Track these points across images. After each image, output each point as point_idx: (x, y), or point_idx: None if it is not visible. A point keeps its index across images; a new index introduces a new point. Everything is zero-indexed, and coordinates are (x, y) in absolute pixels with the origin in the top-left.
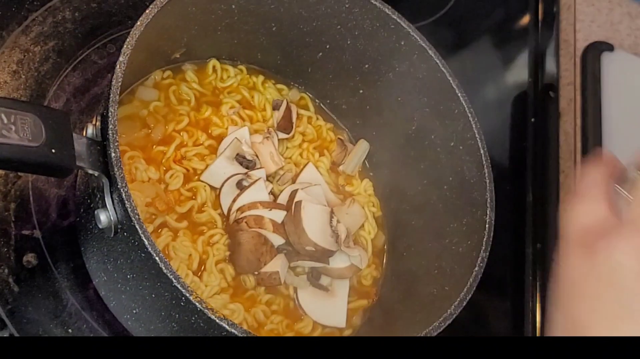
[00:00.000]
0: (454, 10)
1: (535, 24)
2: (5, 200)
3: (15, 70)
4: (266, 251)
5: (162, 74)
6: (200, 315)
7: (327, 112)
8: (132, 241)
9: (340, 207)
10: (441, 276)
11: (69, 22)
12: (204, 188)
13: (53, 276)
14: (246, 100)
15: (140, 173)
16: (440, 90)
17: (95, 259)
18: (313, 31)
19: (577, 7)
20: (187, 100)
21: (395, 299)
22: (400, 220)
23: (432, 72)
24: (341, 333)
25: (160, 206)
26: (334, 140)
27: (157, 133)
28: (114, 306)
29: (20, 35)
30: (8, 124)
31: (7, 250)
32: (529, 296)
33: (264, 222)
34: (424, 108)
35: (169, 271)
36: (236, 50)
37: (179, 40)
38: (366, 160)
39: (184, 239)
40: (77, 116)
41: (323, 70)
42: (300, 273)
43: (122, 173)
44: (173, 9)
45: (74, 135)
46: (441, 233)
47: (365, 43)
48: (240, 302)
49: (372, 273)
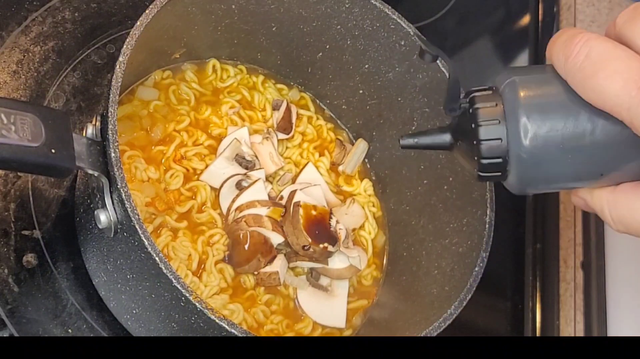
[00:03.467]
0: (454, 10)
1: (535, 24)
2: (5, 200)
3: (15, 70)
4: (266, 251)
5: (162, 74)
6: (200, 315)
7: (327, 112)
8: (132, 242)
9: (339, 207)
10: (441, 276)
11: (69, 22)
12: (204, 187)
13: (53, 276)
14: (246, 100)
15: (140, 173)
16: (440, 90)
17: (95, 259)
18: (313, 31)
19: (577, 7)
20: (187, 100)
21: (395, 299)
22: (400, 220)
23: (432, 72)
24: (341, 333)
25: (160, 206)
26: (334, 140)
27: (157, 132)
28: (114, 306)
29: (20, 36)
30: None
31: (7, 250)
32: (529, 296)
33: (263, 221)
34: (424, 108)
35: (169, 271)
36: (236, 50)
37: (179, 40)
38: (366, 160)
39: (183, 239)
40: (77, 116)
41: (323, 70)
42: (299, 273)
43: (122, 174)
44: (173, 9)
45: (74, 135)
46: (441, 233)
47: (365, 43)
48: (240, 302)
49: (373, 273)
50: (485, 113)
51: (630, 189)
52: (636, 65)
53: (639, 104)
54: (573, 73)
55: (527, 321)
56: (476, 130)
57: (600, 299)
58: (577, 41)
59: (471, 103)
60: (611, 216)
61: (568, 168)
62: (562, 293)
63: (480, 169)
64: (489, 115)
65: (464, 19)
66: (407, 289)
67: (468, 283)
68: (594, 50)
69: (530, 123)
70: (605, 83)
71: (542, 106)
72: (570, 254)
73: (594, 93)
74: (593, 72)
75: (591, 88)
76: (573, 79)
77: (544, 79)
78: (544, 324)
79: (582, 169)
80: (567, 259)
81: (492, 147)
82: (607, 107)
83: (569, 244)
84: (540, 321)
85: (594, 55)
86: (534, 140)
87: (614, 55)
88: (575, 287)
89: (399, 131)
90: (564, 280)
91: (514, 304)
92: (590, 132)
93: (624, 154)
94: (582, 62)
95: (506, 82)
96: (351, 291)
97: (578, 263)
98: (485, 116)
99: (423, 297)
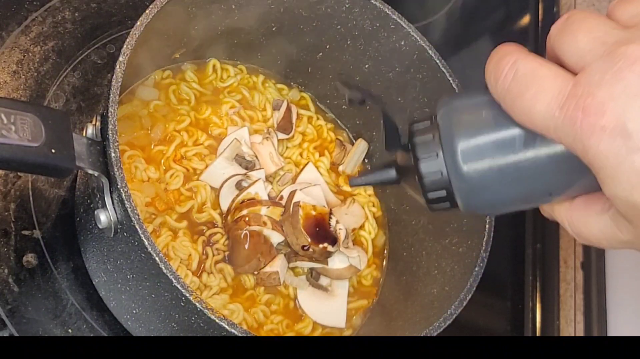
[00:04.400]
0: (454, 10)
1: (535, 24)
2: (5, 200)
3: (15, 70)
4: (265, 251)
5: (162, 74)
6: (200, 315)
7: (327, 112)
8: (132, 241)
9: (339, 207)
10: (441, 276)
11: (69, 22)
12: (204, 187)
13: (53, 276)
14: (246, 100)
15: (140, 173)
16: (440, 90)
17: (95, 259)
18: (313, 31)
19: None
20: (187, 100)
21: (395, 299)
22: (400, 220)
23: (432, 72)
24: (341, 333)
25: (160, 206)
26: (334, 140)
27: (157, 132)
28: (114, 306)
29: (20, 36)
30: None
31: (7, 250)
32: (529, 296)
33: (263, 220)
34: (424, 108)
35: (169, 271)
36: (236, 50)
37: (179, 40)
38: (366, 160)
39: (183, 239)
40: (77, 116)
41: (323, 70)
42: (299, 273)
43: (122, 174)
44: (173, 9)
45: (74, 135)
46: (441, 233)
47: (365, 43)
48: (240, 302)
49: (373, 273)
50: (423, 147)
51: (584, 204)
52: (559, 83)
53: (563, 123)
54: (503, 95)
55: (527, 321)
56: (416, 164)
57: (600, 300)
58: (506, 62)
59: (410, 136)
60: (572, 230)
61: (514, 192)
62: (562, 293)
63: (427, 202)
64: (426, 149)
65: (464, 19)
66: (407, 289)
67: (468, 283)
68: (520, 70)
69: (465, 152)
70: (530, 104)
71: (475, 133)
72: (570, 254)
73: (522, 114)
74: (519, 92)
75: (519, 109)
76: (504, 101)
77: (478, 104)
78: (544, 324)
79: (528, 191)
80: (567, 259)
81: (434, 181)
82: (537, 128)
83: (569, 244)
84: (540, 321)
85: (520, 75)
86: (472, 168)
87: (539, 74)
88: (575, 287)
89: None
90: (564, 280)
91: (514, 304)
92: (528, 154)
93: (567, 172)
94: (509, 84)
95: (441, 111)
96: (351, 291)
97: (578, 263)
98: (423, 150)
99: (423, 297)
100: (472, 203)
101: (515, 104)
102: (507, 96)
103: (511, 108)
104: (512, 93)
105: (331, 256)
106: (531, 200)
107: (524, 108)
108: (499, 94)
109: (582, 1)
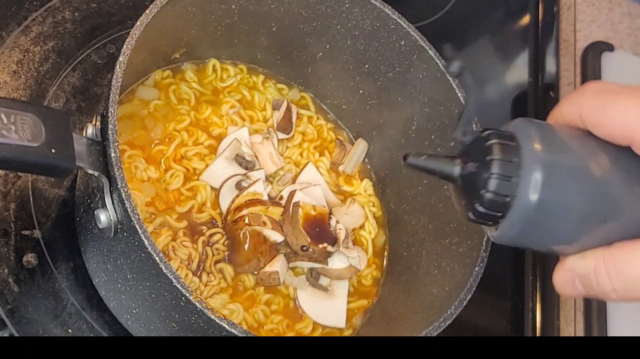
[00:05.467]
0: (454, 10)
1: (535, 24)
2: (5, 200)
3: (15, 70)
4: (265, 251)
5: (162, 74)
6: (200, 315)
7: (327, 112)
8: (132, 241)
9: (339, 207)
10: (441, 276)
11: (69, 22)
12: (204, 187)
13: (53, 276)
14: (246, 99)
15: (140, 173)
16: (440, 90)
17: (95, 259)
18: (313, 31)
19: (577, 7)
20: (187, 100)
21: (395, 300)
22: (400, 220)
23: (432, 72)
24: (341, 333)
25: (160, 206)
26: (334, 140)
27: (157, 132)
28: (114, 306)
29: (20, 35)
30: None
31: (7, 250)
32: (529, 296)
33: (263, 220)
34: (424, 108)
35: (169, 271)
36: (236, 50)
37: (179, 40)
38: (366, 160)
39: (183, 239)
40: (77, 116)
41: (323, 70)
42: (299, 273)
43: (122, 173)
44: (173, 9)
45: (74, 135)
46: (441, 233)
47: (365, 43)
48: (240, 302)
49: (373, 273)
50: (502, 166)
51: (630, 245)
52: None
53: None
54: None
55: (527, 321)
56: (487, 178)
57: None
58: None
59: (485, 141)
60: (608, 271)
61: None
62: None
63: (473, 213)
64: (505, 169)
65: (464, 19)
66: (407, 289)
67: (468, 283)
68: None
69: (545, 199)
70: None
71: (560, 170)
72: None
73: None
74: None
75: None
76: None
77: (563, 141)
78: (544, 324)
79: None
80: None
81: (497, 202)
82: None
83: None
84: (540, 321)
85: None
86: (543, 210)
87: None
88: None
89: (398, 131)
90: None
91: (514, 304)
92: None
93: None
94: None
95: (528, 142)
96: (351, 291)
97: None
98: (501, 168)
99: (423, 297)
100: (515, 234)
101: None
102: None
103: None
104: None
105: (331, 256)
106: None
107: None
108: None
109: (582, 1)
